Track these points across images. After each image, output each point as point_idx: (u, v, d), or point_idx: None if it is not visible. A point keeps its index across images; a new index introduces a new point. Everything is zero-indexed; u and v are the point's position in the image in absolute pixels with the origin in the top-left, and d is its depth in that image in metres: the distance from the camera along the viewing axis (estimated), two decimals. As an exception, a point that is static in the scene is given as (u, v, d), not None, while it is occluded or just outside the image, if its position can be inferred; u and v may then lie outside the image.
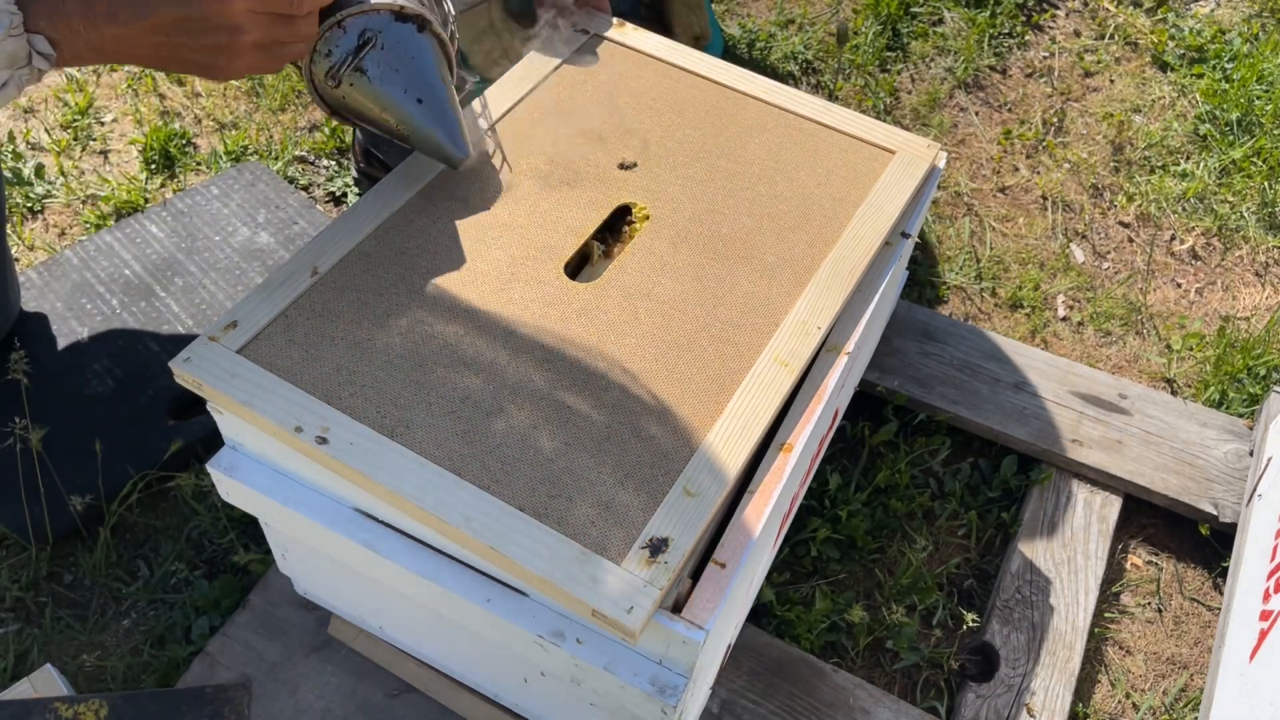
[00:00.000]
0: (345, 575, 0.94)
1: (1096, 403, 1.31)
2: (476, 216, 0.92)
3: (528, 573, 0.70)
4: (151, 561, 1.18)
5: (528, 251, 0.89)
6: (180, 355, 0.79)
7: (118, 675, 1.09)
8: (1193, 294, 1.52)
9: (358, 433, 0.76)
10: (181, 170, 1.59)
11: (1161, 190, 1.62)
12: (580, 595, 0.69)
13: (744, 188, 0.97)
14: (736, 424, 0.79)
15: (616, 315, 0.85)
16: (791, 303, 0.88)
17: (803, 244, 0.93)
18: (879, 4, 1.83)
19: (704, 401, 0.80)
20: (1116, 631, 1.19)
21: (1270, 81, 1.74)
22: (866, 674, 1.13)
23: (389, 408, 0.78)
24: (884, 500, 1.26)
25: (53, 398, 1.24)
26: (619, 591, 0.69)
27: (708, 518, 0.73)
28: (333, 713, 1.03)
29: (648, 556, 0.71)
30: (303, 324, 0.83)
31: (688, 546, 0.71)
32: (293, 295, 0.84)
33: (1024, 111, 1.74)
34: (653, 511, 0.73)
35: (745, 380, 0.82)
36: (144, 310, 1.34)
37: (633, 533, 0.72)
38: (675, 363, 0.83)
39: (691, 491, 0.75)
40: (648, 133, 1.01)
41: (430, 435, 0.77)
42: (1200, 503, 1.23)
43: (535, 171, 0.96)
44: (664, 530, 0.72)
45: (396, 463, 0.75)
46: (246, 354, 0.80)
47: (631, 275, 0.89)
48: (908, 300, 1.44)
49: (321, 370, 0.80)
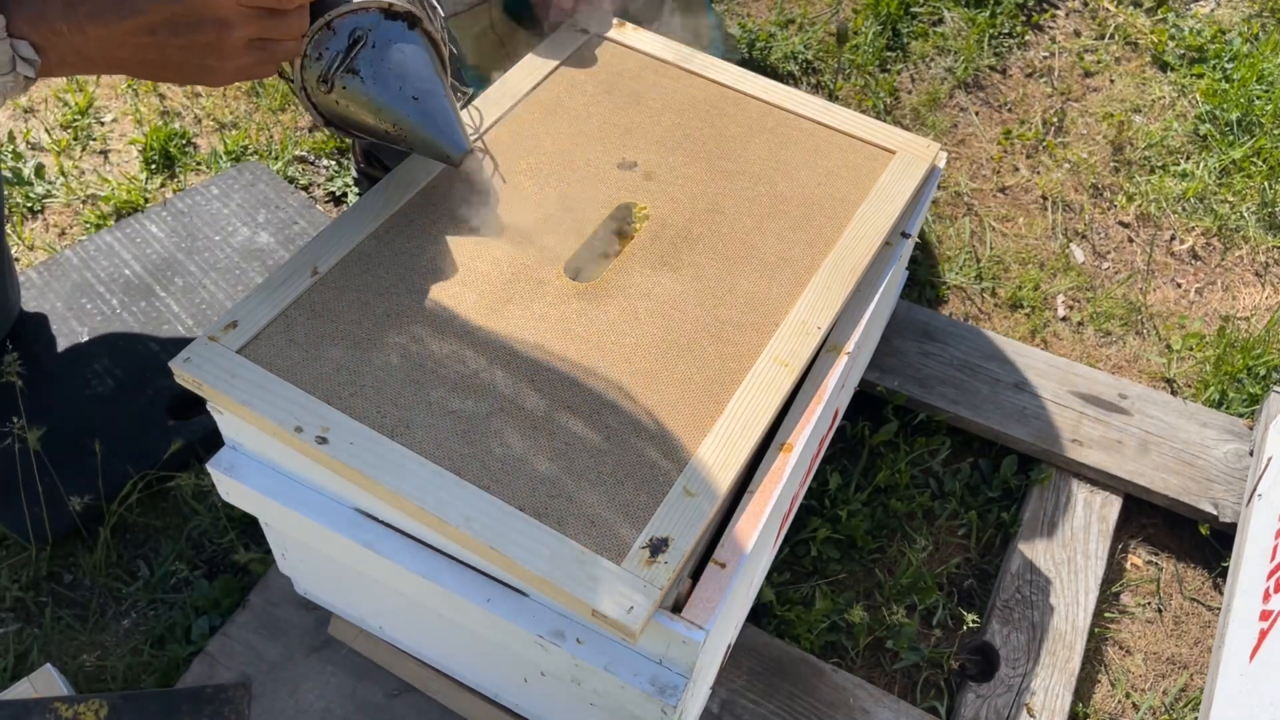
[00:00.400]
0: (345, 575, 0.94)
1: (1096, 403, 1.31)
2: (476, 217, 0.92)
3: (527, 573, 0.70)
4: (151, 561, 1.18)
5: (528, 252, 0.89)
6: (180, 355, 0.79)
7: (118, 675, 1.09)
8: (1193, 294, 1.52)
9: (358, 433, 0.76)
10: (181, 170, 1.59)
11: (1161, 190, 1.62)
12: (580, 595, 0.69)
13: (744, 187, 0.97)
14: (736, 424, 0.79)
15: (616, 316, 0.85)
16: (792, 302, 0.88)
17: (803, 244, 0.93)
18: (879, 4, 1.83)
19: (704, 401, 0.80)
20: (1116, 631, 1.19)
21: (1270, 81, 1.74)
22: (866, 674, 1.13)
23: (389, 408, 0.78)
24: (884, 500, 1.26)
25: (53, 398, 1.24)
26: (619, 591, 0.69)
27: (708, 518, 0.73)
28: (333, 713, 1.03)
29: (648, 556, 0.71)
30: (303, 324, 0.83)
31: (687, 546, 0.71)
32: (293, 295, 0.84)
33: (1024, 111, 1.74)
34: (653, 511, 0.73)
35: (745, 380, 0.82)
36: (144, 310, 1.34)
37: (633, 533, 0.72)
38: (675, 363, 0.83)
39: (691, 491, 0.75)
40: (648, 133, 1.01)
41: (430, 435, 0.77)
42: (1200, 503, 1.23)
43: (535, 171, 0.96)
44: (664, 530, 0.72)
45: (396, 463, 0.75)
46: (246, 354, 0.80)
47: (631, 276, 0.89)
48: (908, 300, 1.44)
49: (321, 370, 0.80)
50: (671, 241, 0.92)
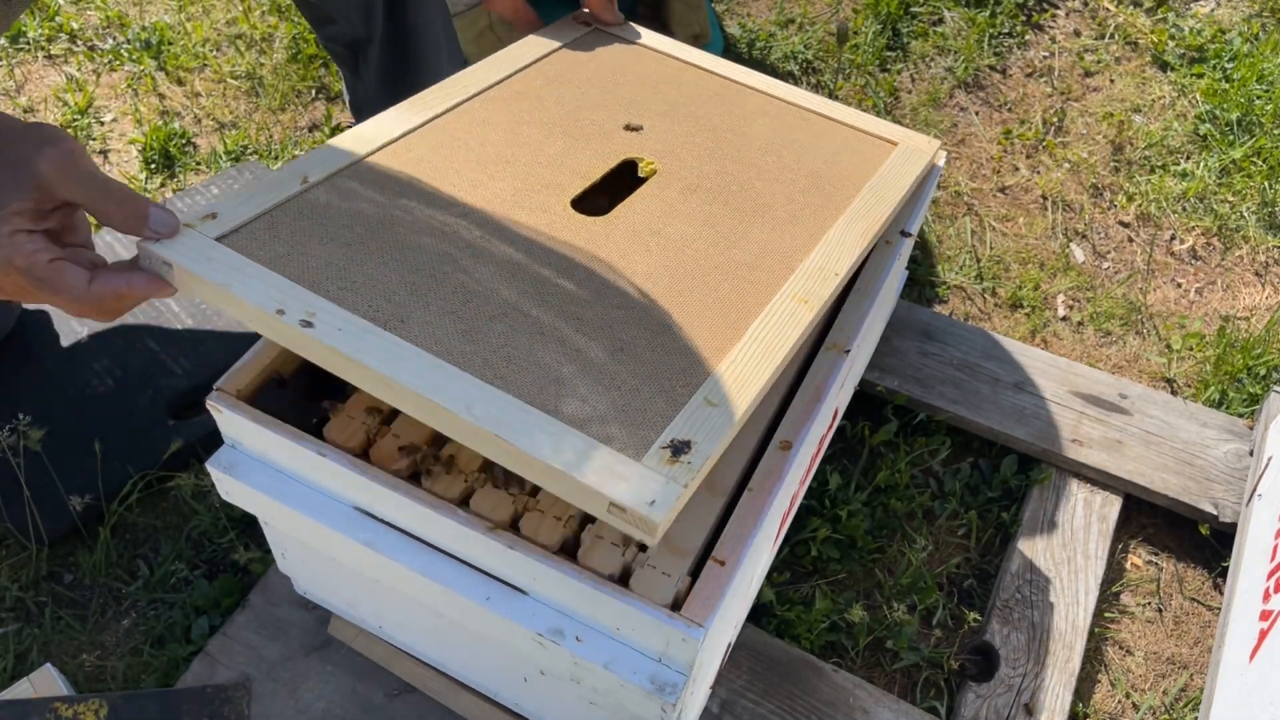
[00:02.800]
0: (345, 575, 0.94)
1: (1096, 402, 1.31)
2: (480, 150, 0.89)
3: (537, 463, 0.65)
4: (151, 561, 1.18)
5: (532, 185, 0.86)
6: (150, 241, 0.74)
7: (118, 675, 1.09)
8: (1193, 294, 1.52)
9: (347, 321, 0.71)
10: (181, 170, 1.59)
11: (1161, 190, 1.62)
12: (597, 486, 0.63)
13: (752, 157, 0.95)
14: (757, 348, 0.75)
15: (626, 246, 0.82)
16: (807, 252, 0.85)
17: (814, 206, 0.91)
18: (879, 3, 1.83)
19: (721, 327, 0.76)
20: (1116, 631, 1.19)
21: (1270, 81, 1.74)
22: (866, 674, 1.13)
23: (382, 303, 0.72)
24: (884, 500, 1.26)
25: (53, 397, 1.24)
26: (639, 486, 0.63)
27: (731, 427, 0.69)
28: (333, 713, 1.03)
29: (669, 456, 0.66)
30: (289, 224, 0.77)
31: (712, 450, 0.67)
32: (279, 198, 0.79)
33: (1024, 111, 1.74)
34: (673, 416, 0.68)
35: (764, 312, 0.78)
36: (144, 310, 1.34)
37: (652, 433, 0.67)
38: (690, 292, 0.79)
39: (713, 402, 0.70)
40: (652, 106, 0.99)
41: (428, 331, 0.71)
42: (1200, 502, 1.23)
43: (539, 122, 0.94)
44: (685, 434, 0.67)
45: (390, 350, 0.69)
46: (226, 243, 0.74)
47: (640, 215, 0.85)
48: (908, 300, 1.44)
49: (308, 264, 0.74)
50: (680, 191, 0.89)
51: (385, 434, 0.80)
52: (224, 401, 0.81)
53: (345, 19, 1.32)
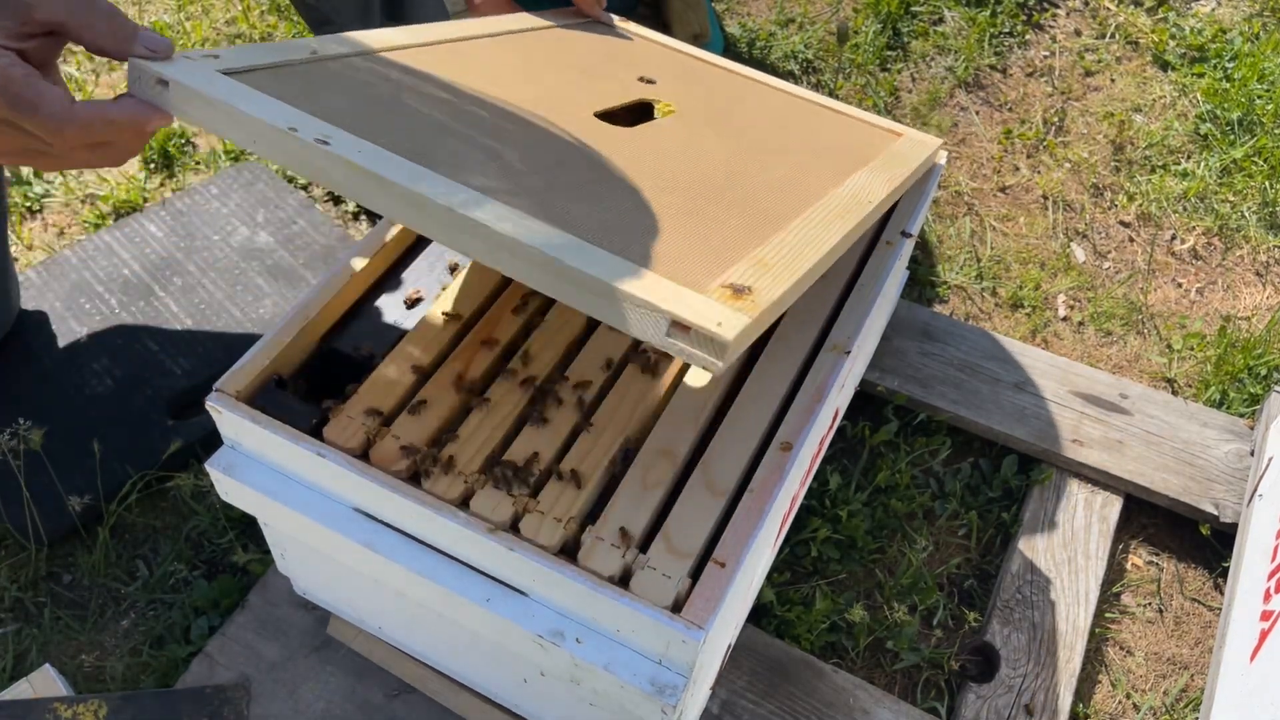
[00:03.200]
0: (344, 575, 0.94)
1: (1097, 403, 1.31)
2: (495, 71, 0.86)
3: (592, 280, 0.59)
4: (151, 561, 1.18)
5: (555, 98, 0.83)
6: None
7: (117, 675, 1.09)
8: (1193, 294, 1.51)
9: (364, 145, 0.65)
10: (180, 170, 1.59)
11: (1162, 190, 1.62)
12: (658, 302, 0.58)
13: (766, 123, 0.95)
14: (799, 239, 0.72)
15: (654, 152, 0.79)
16: (836, 185, 0.83)
17: (834, 158, 0.90)
18: (879, 3, 1.83)
19: (759, 223, 0.73)
20: (1117, 631, 1.18)
21: (1271, 81, 1.74)
22: (867, 674, 1.13)
23: (403, 140, 0.66)
24: (884, 500, 1.25)
25: (52, 398, 1.23)
26: (703, 308, 0.59)
27: (789, 282, 0.65)
28: (332, 713, 1.03)
29: (731, 294, 0.62)
30: (297, 81, 0.72)
31: (776, 293, 0.63)
32: (286, 58, 0.74)
33: (1024, 111, 1.74)
34: (728, 268, 0.65)
35: (802, 216, 0.75)
36: (143, 310, 1.34)
37: (710, 274, 0.63)
38: (723, 193, 0.76)
39: (768, 263, 0.66)
40: (663, 70, 0.99)
41: (453, 165, 0.65)
42: (1201, 503, 1.22)
43: (554, 65, 0.92)
44: (745, 280, 0.63)
45: (414, 171, 0.64)
46: (231, 76, 0.69)
47: (666, 136, 0.83)
48: (908, 300, 1.44)
49: (319, 106, 0.68)
50: (699, 127, 0.88)
51: (385, 435, 0.80)
52: (223, 402, 0.81)
53: (343, 19, 1.32)
